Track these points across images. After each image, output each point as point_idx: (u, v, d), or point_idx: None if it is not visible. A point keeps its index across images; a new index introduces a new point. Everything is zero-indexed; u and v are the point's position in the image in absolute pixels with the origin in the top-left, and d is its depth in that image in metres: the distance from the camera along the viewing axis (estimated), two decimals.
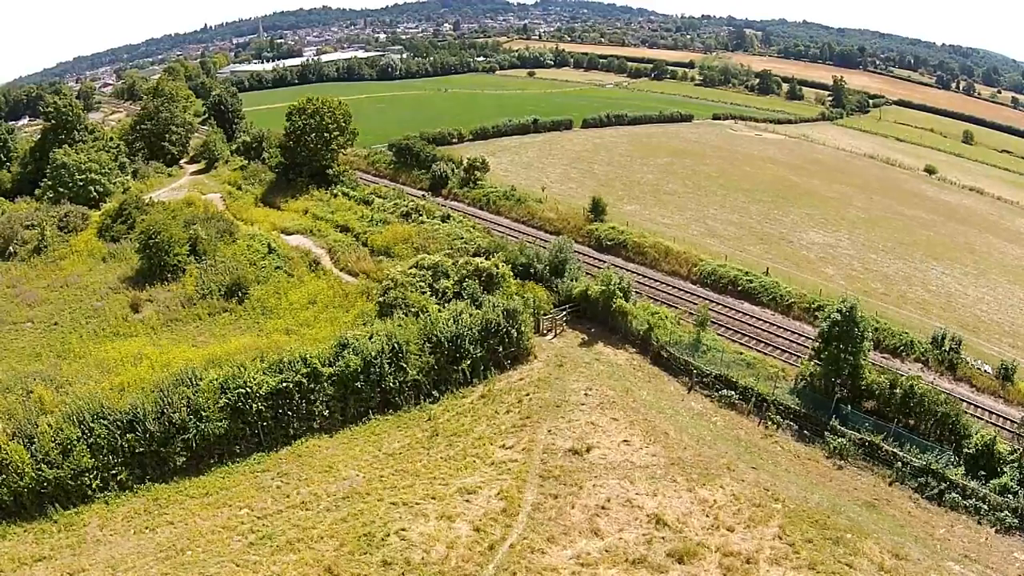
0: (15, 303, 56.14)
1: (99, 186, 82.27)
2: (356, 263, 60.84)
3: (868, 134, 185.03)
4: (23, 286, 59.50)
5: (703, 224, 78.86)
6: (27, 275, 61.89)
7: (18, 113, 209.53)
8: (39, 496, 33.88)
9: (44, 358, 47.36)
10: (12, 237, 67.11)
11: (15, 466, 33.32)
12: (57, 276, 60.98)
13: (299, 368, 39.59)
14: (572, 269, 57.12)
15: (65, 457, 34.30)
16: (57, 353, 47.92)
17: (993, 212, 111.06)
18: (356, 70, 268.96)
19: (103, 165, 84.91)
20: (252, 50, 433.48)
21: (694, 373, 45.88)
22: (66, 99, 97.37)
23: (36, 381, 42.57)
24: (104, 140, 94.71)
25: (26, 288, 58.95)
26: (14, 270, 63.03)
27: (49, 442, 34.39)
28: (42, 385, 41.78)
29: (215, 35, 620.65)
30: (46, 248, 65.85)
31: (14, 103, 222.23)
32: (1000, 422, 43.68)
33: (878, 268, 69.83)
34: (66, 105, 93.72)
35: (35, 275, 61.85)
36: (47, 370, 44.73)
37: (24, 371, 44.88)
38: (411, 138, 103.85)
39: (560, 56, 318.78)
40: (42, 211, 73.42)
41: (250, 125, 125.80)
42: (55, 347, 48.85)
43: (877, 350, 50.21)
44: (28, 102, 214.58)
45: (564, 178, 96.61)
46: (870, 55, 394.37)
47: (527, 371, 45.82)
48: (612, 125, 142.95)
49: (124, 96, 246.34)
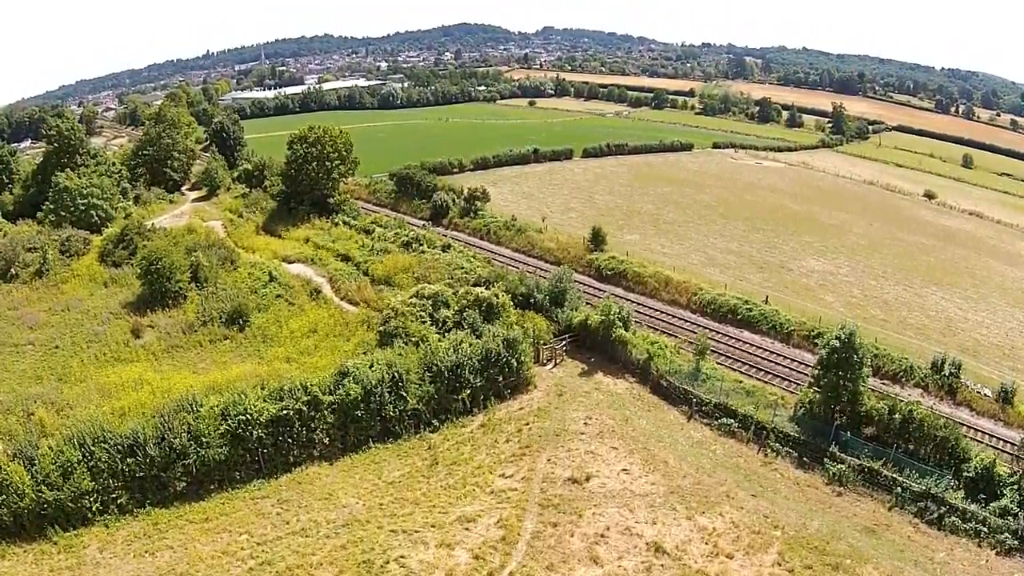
0: (16, 325, 56.85)
1: (101, 211, 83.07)
2: (357, 292, 61.62)
3: (868, 160, 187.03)
4: (24, 308, 60.18)
5: (703, 253, 79.95)
6: (29, 298, 62.63)
7: (20, 135, 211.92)
8: (39, 517, 34.41)
9: (45, 381, 48.00)
10: (14, 259, 67.73)
11: (15, 487, 33.87)
12: (58, 299, 61.76)
13: (300, 396, 40.30)
14: (572, 299, 57.95)
15: (66, 479, 34.85)
16: (58, 376, 48.57)
17: (993, 236, 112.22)
18: (357, 99, 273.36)
19: (105, 190, 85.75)
20: (254, 77, 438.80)
21: (694, 402, 46.47)
22: (69, 123, 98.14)
23: (37, 403, 43.19)
24: (106, 165, 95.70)
25: (27, 310, 59.63)
26: (16, 292, 63.74)
27: (50, 464, 34.96)
28: (43, 407, 42.43)
29: (217, 61, 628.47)
30: (48, 271, 66.53)
31: (16, 125, 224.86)
32: (1000, 445, 44.29)
33: (878, 294, 70.66)
34: (68, 129, 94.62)
35: (37, 298, 62.59)
36: (48, 393, 45.33)
37: (25, 393, 45.46)
38: (412, 167, 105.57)
39: (561, 85, 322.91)
40: (44, 234, 74.19)
41: (252, 153, 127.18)
42: (56, 370, 49.50)
43: (877, 376, 50.86)
44: (30, 124, 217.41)
45: (564, 208, 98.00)
46: (869, 81, 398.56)
47: (527, 400, 46.53)
48: (612, 155, 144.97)
49: (126, 121, 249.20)
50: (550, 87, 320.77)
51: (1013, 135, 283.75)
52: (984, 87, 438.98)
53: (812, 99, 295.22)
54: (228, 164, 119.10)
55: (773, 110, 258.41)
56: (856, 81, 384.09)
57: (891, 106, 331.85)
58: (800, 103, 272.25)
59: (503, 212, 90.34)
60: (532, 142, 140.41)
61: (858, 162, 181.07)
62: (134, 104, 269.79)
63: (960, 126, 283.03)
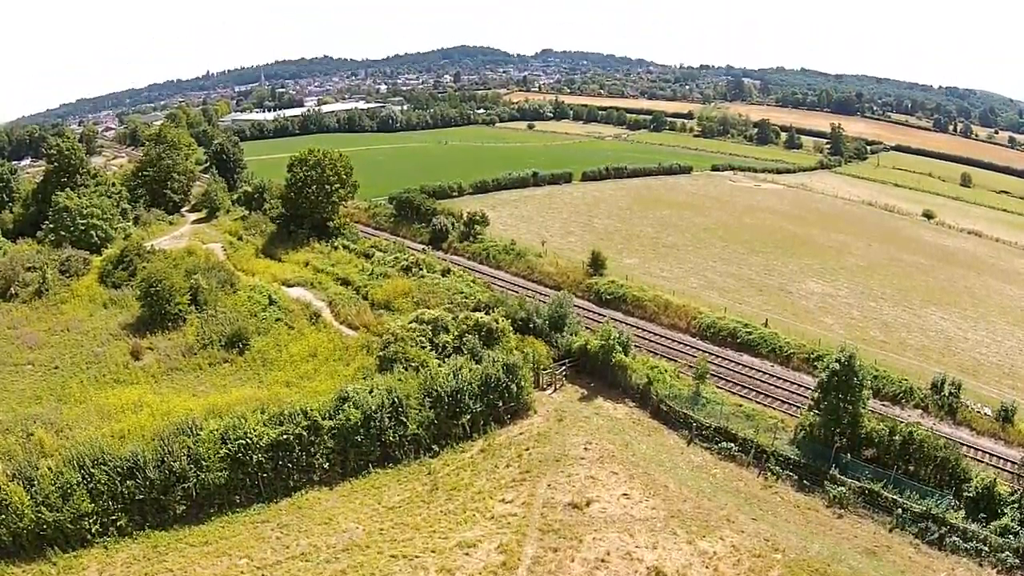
0: (16, 345, 57.12)
1: (101, 231, 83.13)
2: (356, 316, 61.93)
3: (866, 181, 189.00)
4: (24, 328, 60.45)
5: (702, 276, 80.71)
6: (28, 317, 62.93)
7: (21, 153, 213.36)
8: (39, 538, 34.75)
9: (44, 401, 48.28)
10: (13, 278, 67.84)
11: (15, 507, 34.25)
12: (58, 320, 62.05)
13: (299, 421, 40.78)
14: (571, 323, 58.52)
15: (65, 501, 35.22)
16: (57, 397, 48.86)
17: (992, 254, 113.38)
18: (357, 121, 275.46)
19: (105, 210, 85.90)
20: (254, 99, 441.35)
21: (694, 426, 46.90)
22: (69, 142, 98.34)
23: (36, 424, 43.46)
24: (106, 185, 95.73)
25: (27, 330, 59.91)
26: (15, 312, 64.00)
27: (49, 485, 35.32)
28: (42, 428, 42.68)
29: (217, 82, 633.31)
30: (47, 291, 66.68)
31: (17, 143, 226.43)
32: (1000, 464, 44.88)
33: (877, 316, 71.31)
34: (69, 148, 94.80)
35: (36, 317, 62.89)
36: (47, 413, 45.60)
37: (24, 413, 45.75)
38: (411, 191, 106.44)
39: (560, 108, 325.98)
40: (44, 254, 74.33)
41: (251, 175, 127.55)
42: (55, 391, 49.80)
43: (876, 398, 51.43)
44: (31, 143, 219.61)
45: (564, 232, 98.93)
46: (868, 101, 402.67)
47: (527, 425, 46.98)
48: (612, 178, 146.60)
49: (126, 141, 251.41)
50: (549, 110, 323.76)
51: (1011, 152, 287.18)
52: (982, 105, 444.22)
53: (810, 120, 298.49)
54: (228, 186, 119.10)
55: (771, 132, 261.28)
56: (854, 101, 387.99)
57: (889, 126, 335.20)
58: (798, 124, 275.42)
59: (503, 236, 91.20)
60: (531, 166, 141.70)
61: (857, 183, 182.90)
62: (134, 124, 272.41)
63: (958, 145, 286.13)
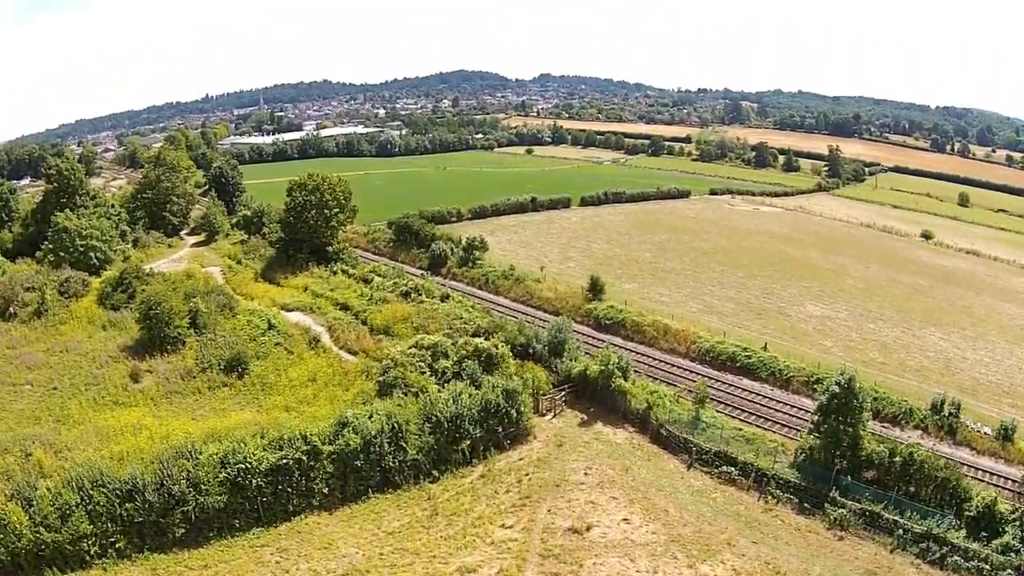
0: (15, 364, 57.34)
1: (100, 253, 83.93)
2: (356, 341, 62.29)
3: (864, 203, 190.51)
4: (23, 348, 60.74)
5: (701, 301, 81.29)
6: (27, 337, 63.29)
7: (20, 173, 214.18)
8: (37, 558, 34.87)
9: (43, 422, 48.46)
10: (13, 298, 68.30)
11: (13, 527, 34.42)
12: (57, 340, 62.31)
13: (299, 445, 41.08)
14: (571, 349, 58.96)
15: (64, 522, 35.42)
16: (56, 418, 49.06)
17: (990, 273, 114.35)
18: (356, 146, 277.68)
19: (104, 232, 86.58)
20: (253, 122, 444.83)
21: (694, 450, 47.21)
22: (68, 162, 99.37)
23: (35, 444, 43.65)
24: (105, 207, 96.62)
25: (26, 350, 60.17)
26: (14, 331, 64.38)
27: (48, 506, 35.55)
28: (41, 449, 42.90)
29: (216, 105, 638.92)
30: (46, 312, 67.11)
31: (16, 162, 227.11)
32: (1001, 482, 45.35)
33: (876, 337, 71.80)
34: (68, 169, 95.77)
35: (35, 338, 63.23)
36: (46, 434, 45.78)
37: (23, 433, 45.91)
38: (410, 216, 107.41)
39: (558, 133, 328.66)
40: (43, 274, 74.86)
41: (250, 199, 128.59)
42: (54, 412, 50.00)
43: (876, 419, 51.91)
44: (30, 162, 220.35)
45: (563, 257, 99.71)
46: (865, 122, 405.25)
47: (527, 451, 47.25)
48: (610, 203, 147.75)
49: (125, 163, 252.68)
50: (547, 135, 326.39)
51: (1008, 171, 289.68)
52: (979, 124, 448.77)
53: (808, 143, 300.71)
54: (227, 210, 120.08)
55: (769, 155, 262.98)
56: (852, 123, 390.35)
57: (887, 147, 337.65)
58: (796, 147, 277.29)
59: (501, 261, 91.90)
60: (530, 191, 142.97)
61: (855, 205, 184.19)
62: (133, 146, 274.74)
63: (956, 164, 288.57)
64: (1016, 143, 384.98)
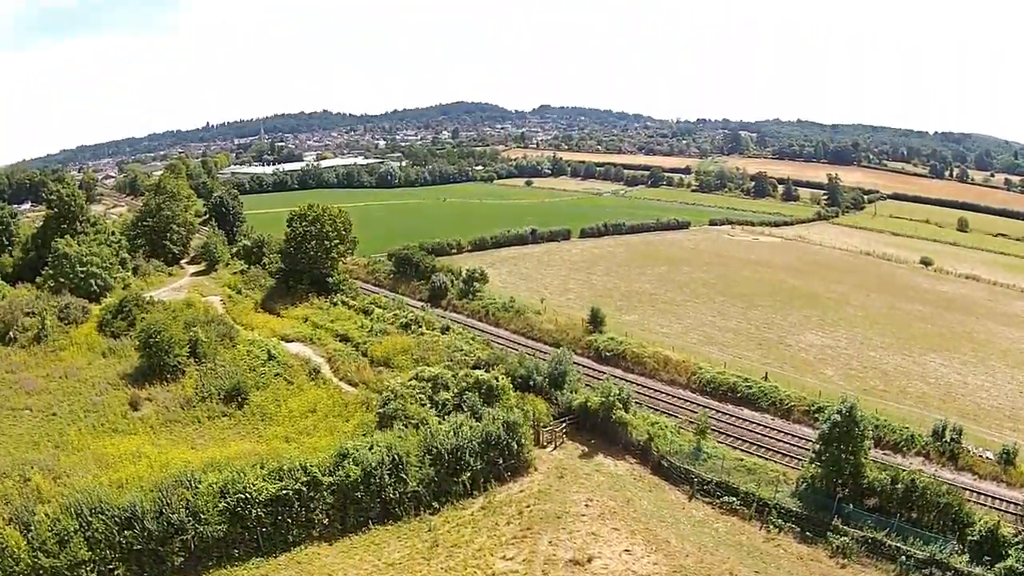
0: (14, 389, 57.62)
1: (100, 280, 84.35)
2: (356, 373, 62.66)
3: (864, 231, 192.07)
4: (22, 373, 61.02)
5: (701, 332, 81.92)
6: (27, 362, 63.57)
7: (21, 197, 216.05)
8: None
9: (42, 447, 48.64)
10: (13, 323, 68.51)
11: (11, 551, 34.49)
12: (57, 366, 62.58)
13: (299, 476, 41.34)
14: (571, 381, 59.37)
15: (62, 547, 35.43)
16: (55, 443, 49.24)
17: (990, 298, 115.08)
18: (356, 177, 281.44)
19: (104, 259, 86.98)
20: (253, 152, 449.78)
21: (695, 481, 47.49)
22: (69, 188, 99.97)
23: (34, 469, 43.77)
24: (105, 234, 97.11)
25: (25, 375, 60.43)
26: (14, 356, 64.58)
27: (47, 531, 35.61)
28: (40, 474, 43.02)
29: (217, 134, 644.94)
30: (46, 337, 67.35)
31: (17, 186, 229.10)
32: (1003, 506, 45.67)
33: (877, 365, 72.24)
34: (69, 194, 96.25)
35: (35, 363, 63.52)
36: (45, 459, 45.92)
37: (22, 458, 46.06)
38: (410, 248, 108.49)
39: (557, 165, 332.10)
40: (43, 299, 75.05)
41: (251, 229, 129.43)
42: (53, 437, 50.18)
43: (878, 447, 52.26)
44: (31, 187, 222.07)
45: (563, 289, 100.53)
46: (864, 150, 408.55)
47: (527, 483, 47.52)
48: (610, 234, 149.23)
49: (126, 190, 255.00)
50: (547, 166, 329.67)
51: (1007, 195, 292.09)
52: (977, 148, 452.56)
53: (807, 171, 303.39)
54: (227, 239, 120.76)
55: (769, 184, 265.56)
56: (851, 151, 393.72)
57: (886, 174, 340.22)
58: (795, 176, 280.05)
59: (502, 293, 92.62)
60: (530, 222, 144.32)
61: (854, 233, 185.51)
62: (134, 173, 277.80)
63: (955, 190, 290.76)
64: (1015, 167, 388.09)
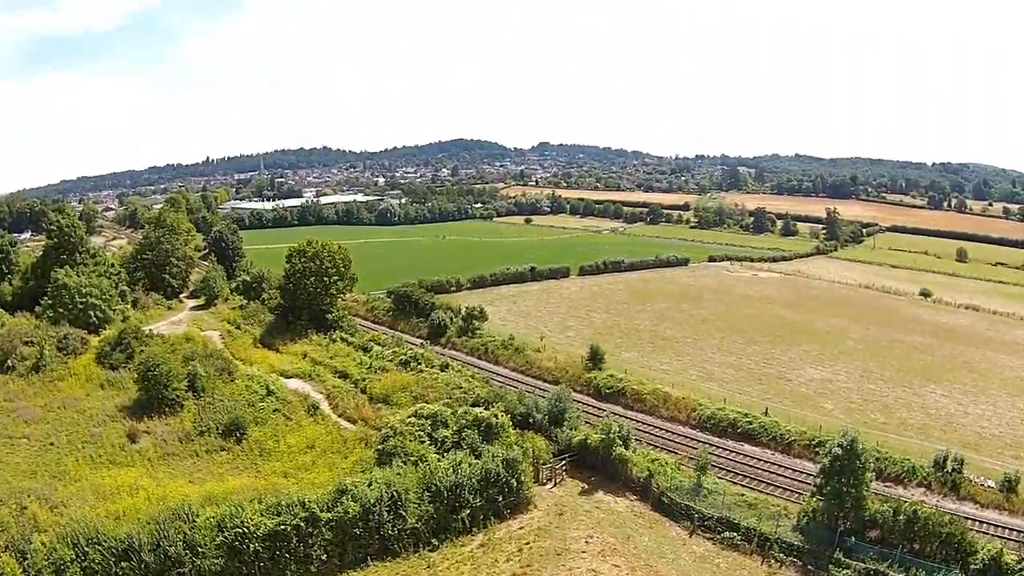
0: (12, 417, 57.91)
1: (99, 311, 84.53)
2: (355, 410, 62.89)
3: (863, 264, 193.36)
4: (20, 402, 61.39)
5: (701, 368, 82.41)
6: (25, 391, 63.94)
7: (21, 226, 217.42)
8: None
9: (39, 476, 48.75)
10: (11, 351, 69.00)
11: None
12: (55, 396, 62.90)
13: (297, 512, 41.40)
14: (571, 418, 59.71)
15: None
16: (52, 473, 49.39)
17: (990, 327, 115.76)
18: (355, 214, 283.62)
19: (103, 291, 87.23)
20: (253, 187, 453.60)
21: (696, 517, 47.61)
22: (69, 219, 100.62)
23: (31, 498, 43.83)
24: (105, 266, 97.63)
25: (23, 404, 60.77)
26: (12, 384, 64.91)
27: (43, 560, 35.65)
28: (37, 502, 43.12)
29: (217, 169, 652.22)
30: (45, 367, 67.72)
31: (17, 215, 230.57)
32: (1006, 533, 46.02)
33: (877, 398, 72.69)
34: (69, 225, 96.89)
35: (33, 392, 63.84)
36: (42, 489, 46.03)
37: (19, 487, 46.16)
38: (410, 286, 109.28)
39: (557, 203, 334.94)
40: (42, 329, 75.52)
41: (250, 264, 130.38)
42: (50, 467, 50.35)
43: (880, 479, 52.43)
44: (31, 216, 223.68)
45: (562, 327, 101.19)
46: (862, 183, 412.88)
47: (527, 520, 47.60)
48: (609, 272, 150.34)
49: (126, 223, 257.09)
50: (546, 204, 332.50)
51: (1006, 223, 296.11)
52: (975, 178, 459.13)
53: (806, 206, 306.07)
54: (226, 274, 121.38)
55: (767, 220, 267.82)
56: (849, 185, 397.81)
57: (884, 207, 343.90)
58: (794, 211, 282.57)
59: (501, 331, 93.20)
60: (529, 260, 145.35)
61: (853, 266, 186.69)
62: (134, 206, 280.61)
63: (953, 220, 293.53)
64: (1013, 195, 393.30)
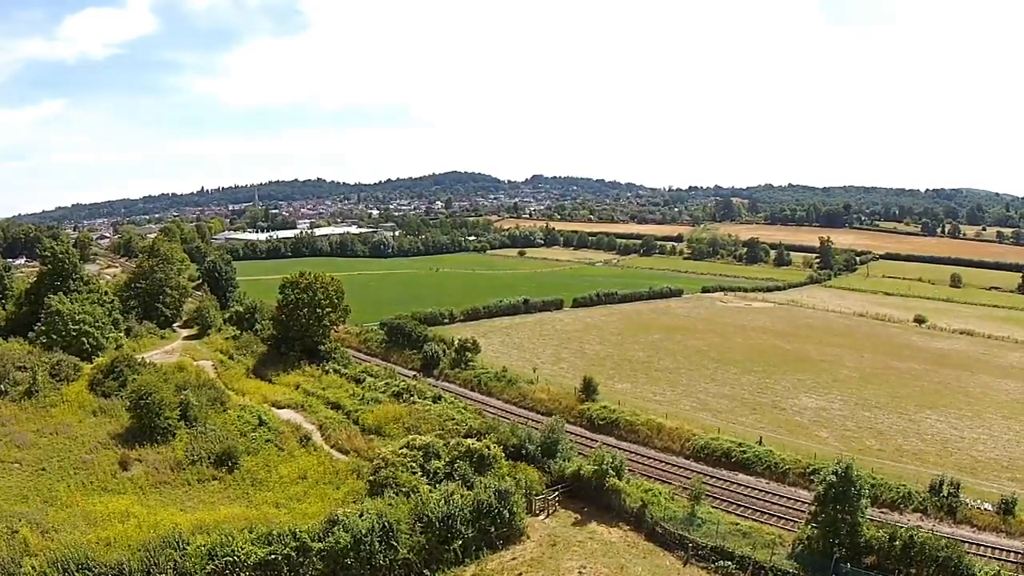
0: (4, 442, 57.76)
1: (92, 339, 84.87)
2: (347, 441, 63.03)
3: (856, 292, 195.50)
4: (13, 427, 61.30)
5: (695, 398, 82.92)
6: (17, 416, 63.83)
7: (16, 251, 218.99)
8: None
9: (31, 501, 48.54)
10: (4, 376, 69.08)
11: None
12: (47, 422, 62.83)
13: (288, 541, 41.39)
14: (564, 449, 59.91)
15: None
16: (44, 498, 49.18)
17: (985, 352, 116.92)
18: (349, 245, 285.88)
19: (97, 318, 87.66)
20: (247, 218, 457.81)
21: (690, 546, 47.72)
22: (63, 246, 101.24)
23: (22, 522, 43.69)
24: (99, 293, 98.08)
25: (16, 429, 60.62)
26: (4, 409, 64.73)
27: None
28: (28, 527, 42.94)
29: (211, 199, 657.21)
30: (37, 393, 67.72)
31: (12, 241, 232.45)
32: (1004, 555, 46.36)
33: (872, 425, 73.21)
34: (63, 252, 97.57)
35: (25, 417, 63.77)
36: (33, 513, 45.90)
37: (10, 511, 46.01)
38: (403, 318, 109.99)
39: (550, 235, 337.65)
40: (35, 355, 75.67)
41: (243, 295, 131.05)
42: (42, 492, 50.17)
43: (875, 506, 52.58)
44: (26, 242, 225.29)
45: (555, 358, 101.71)
46: (856, 212, 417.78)
47: (520, 551, 47.66)
48: (602, 304, 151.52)
49: (120, 251, 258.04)
50: (540, 236, 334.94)
51: (999, 248, 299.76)
52: (969, 203, 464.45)
53: (799, 236, 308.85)
54: (220, 304, 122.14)
55: (761, 250, 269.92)
56: (842, 213, 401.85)
57: (878, 235, 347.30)
58: (788, 241, 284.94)
59: (494, 363, 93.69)
60: (522, 292, 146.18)
61: (847, 295, 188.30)
62: (128, 235, 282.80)
63: (947, 246, 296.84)
64: (1007, 219, 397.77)
